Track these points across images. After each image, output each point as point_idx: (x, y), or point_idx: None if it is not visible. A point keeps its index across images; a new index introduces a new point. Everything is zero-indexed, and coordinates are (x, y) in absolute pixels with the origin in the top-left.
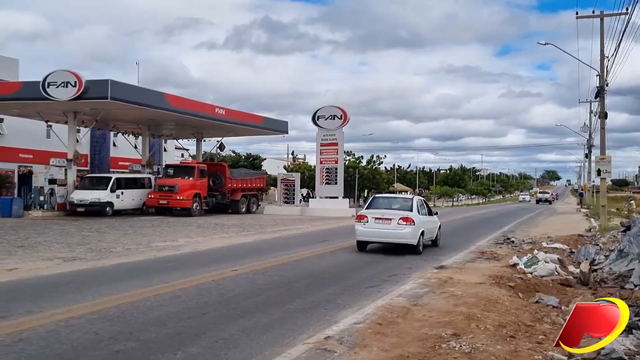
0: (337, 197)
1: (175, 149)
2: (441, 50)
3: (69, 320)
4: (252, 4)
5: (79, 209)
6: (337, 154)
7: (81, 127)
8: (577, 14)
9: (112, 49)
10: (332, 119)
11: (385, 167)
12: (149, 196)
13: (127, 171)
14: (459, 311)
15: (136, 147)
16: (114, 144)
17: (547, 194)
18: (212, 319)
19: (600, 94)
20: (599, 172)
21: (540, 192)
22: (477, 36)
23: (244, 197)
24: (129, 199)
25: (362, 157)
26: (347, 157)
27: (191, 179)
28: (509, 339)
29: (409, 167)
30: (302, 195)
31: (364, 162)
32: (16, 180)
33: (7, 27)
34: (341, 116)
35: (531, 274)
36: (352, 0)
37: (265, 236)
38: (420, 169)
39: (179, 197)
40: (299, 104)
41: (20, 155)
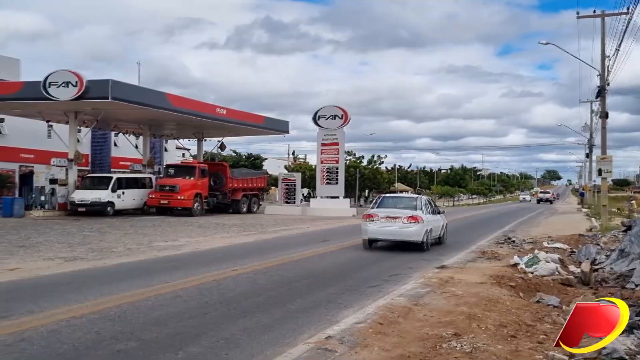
0: (338, 197)
1: (176, 148)
2: (442, 50)
3: (70, 320)
4: (253, 4)
5: (80, 209)
6: (338, 153)
7: (82, 127)
8: (578, 13)
9: (113, 49)
10: (333, 118)
11: (386, 167)
12: (150, 196)
13: (128, 171)
14: (460, 311)
15: (137, 147)
16: (115, 144)
17: (548, 193)
18: (213, 319)
19: (601, 93)
20: (599, 172)
21: (541, 192)
22: (477, 36)
23: (244, 197)
24: (129, 198)
25: (363, 157)
26: (348, 157)
27: (192, 178)
28: (510, 339)
29: (409, 167)
30: (302, 195)
31: (364, 162)
32: (17, 180)
33: (9, 27)
34: (342, 116)
35: (532, 273)
36: (353, 0)
37: (266, 236)
38: (421, 168)
39: (180, 197)
40: (299, 104)
41: (21, 155)
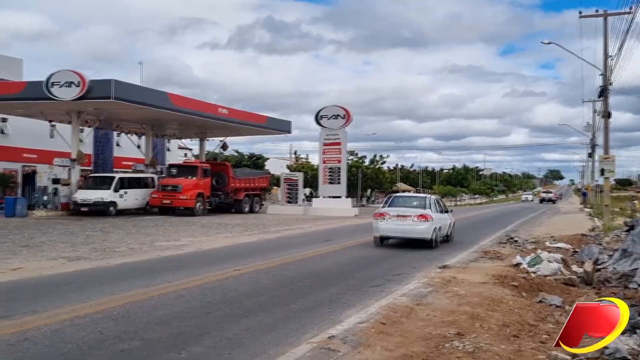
0: (340, 197)
1: (178, 148)
2: (445, 50)
3: (74, 319)
4: (255, 4)
5: (82, 209)
6: (340, 153)
7: (84, 127)
8: (580, 13)
9: (115, 49)
10: (335, 118)
11: (388, 167)
12: (153, 196)
13: (131, 171)
14: (463, 311)
15: (139, 146)
16: (117, 144)
17: (551, 193)
18: (215, 319)
19: (603, 93)
20: (602, 172)
21: (543, 192)
22: (480, 36)
23: (247, 197)
24: (132, 198)
25: (365, 156)
26: (350, 157)
27: (194, 178)
28: (512, 339)
29: (412, 167)
30: (305, 194)
31: (367, 162)
32: (20, 180)
33: (11, 27)
34: (344, 116)
35: (534, 273)
36: (356, 0)
37: (268, 236)
38: (423, 168)
39: (182, 197)
40: (302, 104)
41: (24, 155)
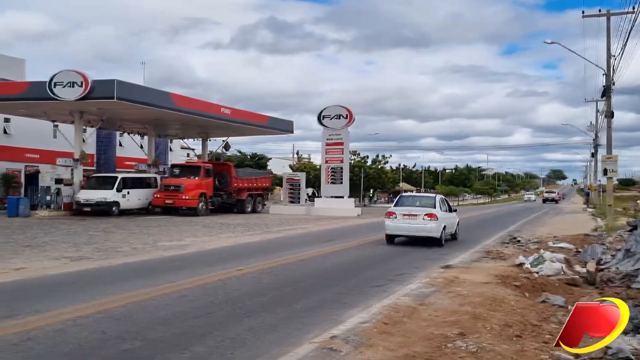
0: (342, 197)
1: (181, 148)
2: (447, 49)
3: (76, 319)
4: (257, 4)
5: (85, 209)
6: (342, 153)
7: (87, 127)
8: (583, 12)
9: (118, 49)
10: (338, 118)
11: (390, 167)
12: (155, 196)
13: (133, 171)
14: (465, 311)
15: (142, 146)
16: (120, 144)
17: (554, 193)
18: (218, 318)
19: (606, 93)
20: (605, 172)
21: (546, 192)
22: (482, 35)
23: (249, 197)
24: (135, 198)
25: (368, 156)
26: (353, 157)
27: (197, 178)
28: (515, 339)
29: (414, 167)
30: (307, 194)
31: (369, 162)
32: (23, 180)
33: (14, 27)
34: (346, 115)
35: (537, 273)
36: (358, 0)
37: (270, 236)
38: (425, 168)
39: (185, 197)
40: (304, 104)
41: (26, 155)
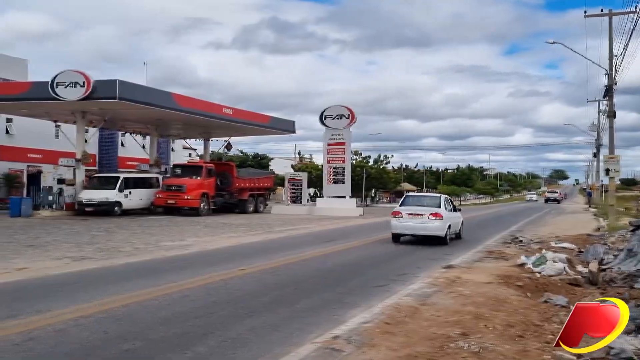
0: (344, 197)
1: (182, 148)
2: (448, 49)
3: (78, 319)
4: (259, 4)
5: (87, 209)
6: (344, 153)
7: (89, 127)
8: (585, 12)
9: (120, 49)
10: (340, 118)
11: (392, 167)
12: (157, 196)
13: (135, 171)
14: (467, 311)
15: (144, 147)
16: (122, 144)
17: (556, 193)
18: (220, 319)
19: (608, 92)
20: (607, 172)
21: (549, 192)
22: (484, 35)
23: (251, 197)
24: (137, 198)
25: (370, 156)
26: (355, 157)
27: (199, 178)
28: (517, 339)
29: (416, 167)
30: (309, 194)
31: (371, 162)
32: (25, 180)
33: (16, 27)
34: (348, 115)
35: (539, 273)
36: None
37: (273, 236)
38: (427, 168)
39: (187, 197)
40: (306, 104)
41: (29, 155)
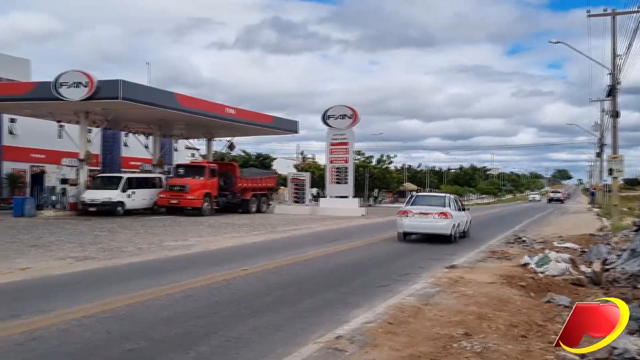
0: (347, 197)
1: (185, 148)
2: (451, 49)
3: (81, 319)
4: (262, 4)
5: (90, 209)
6: (347, 153)
7: (92, 127)
8: (588, 12)
9: (123, 49)
10: (342, 118)
11: (395, 167)
12: (160, 196)
13: (138, 171)
14: (470, 311)
15: (147, 147)
16: (125, 144)
17: (559, 193)
18: (223, 318)
19: (612, 92)
20: (610, 172)
21: (552, 192)
22: (487, 35)
23: (254, 197)
24: (140, 198)
25: (372, 156)
26: (357, 157)
27: (202, 178)
28: (520, 339)
29: (419, 167)
30: (312, 194)
31: (374, 162)
32: (28, 180)
33: (19, 28)
34: (351, 115)
35: (542, 273)
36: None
37: (275, 235)
38: (430, 168)
39: (190, 197)
40: (309, 104)
41: (32, 155)
